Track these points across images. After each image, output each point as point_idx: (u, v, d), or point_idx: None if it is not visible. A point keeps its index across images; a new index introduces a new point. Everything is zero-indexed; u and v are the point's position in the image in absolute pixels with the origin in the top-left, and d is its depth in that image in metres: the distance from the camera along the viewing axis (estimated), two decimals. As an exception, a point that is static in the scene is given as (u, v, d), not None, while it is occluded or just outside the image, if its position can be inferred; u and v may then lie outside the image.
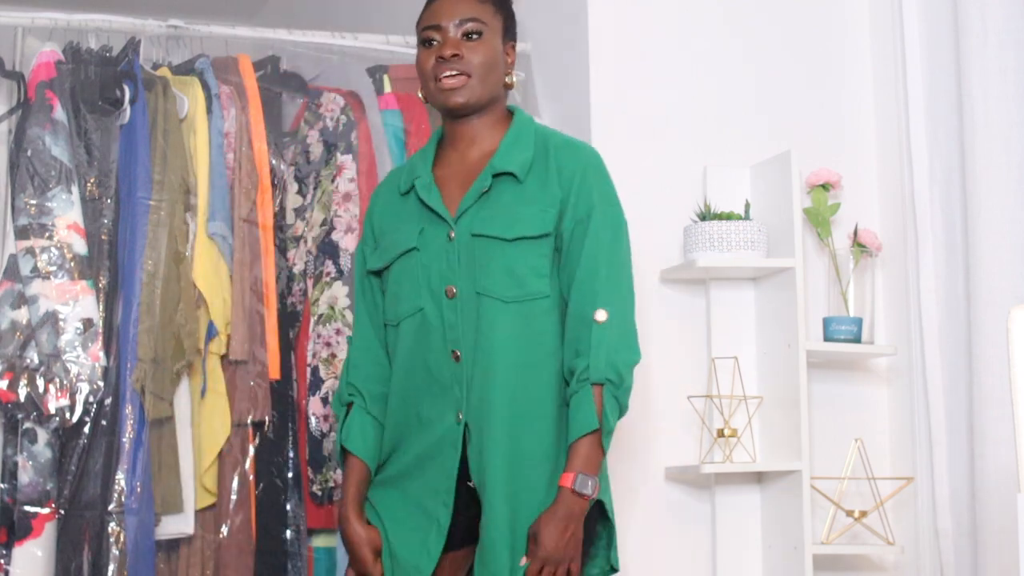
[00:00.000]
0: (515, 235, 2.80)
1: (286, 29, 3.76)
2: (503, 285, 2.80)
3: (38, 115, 3.39)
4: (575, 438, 2.75)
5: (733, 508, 3.58)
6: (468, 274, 2.81)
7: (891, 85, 3.75)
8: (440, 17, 2.89)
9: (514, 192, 2.84)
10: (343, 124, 3.69)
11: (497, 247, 2.80)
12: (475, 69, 2.86)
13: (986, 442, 3.32)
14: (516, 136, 2.90)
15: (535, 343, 2.81)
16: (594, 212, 2.84)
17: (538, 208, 2.83)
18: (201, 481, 3.43)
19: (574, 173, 2.86)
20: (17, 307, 3.33)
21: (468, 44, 2.87)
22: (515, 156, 2.86)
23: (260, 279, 3.53)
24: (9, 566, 3.27)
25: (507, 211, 2.82)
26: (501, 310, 2.79)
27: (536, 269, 2.81)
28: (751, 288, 3.66)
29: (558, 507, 2.72)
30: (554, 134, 2.96)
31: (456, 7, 2.89)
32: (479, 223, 2.82)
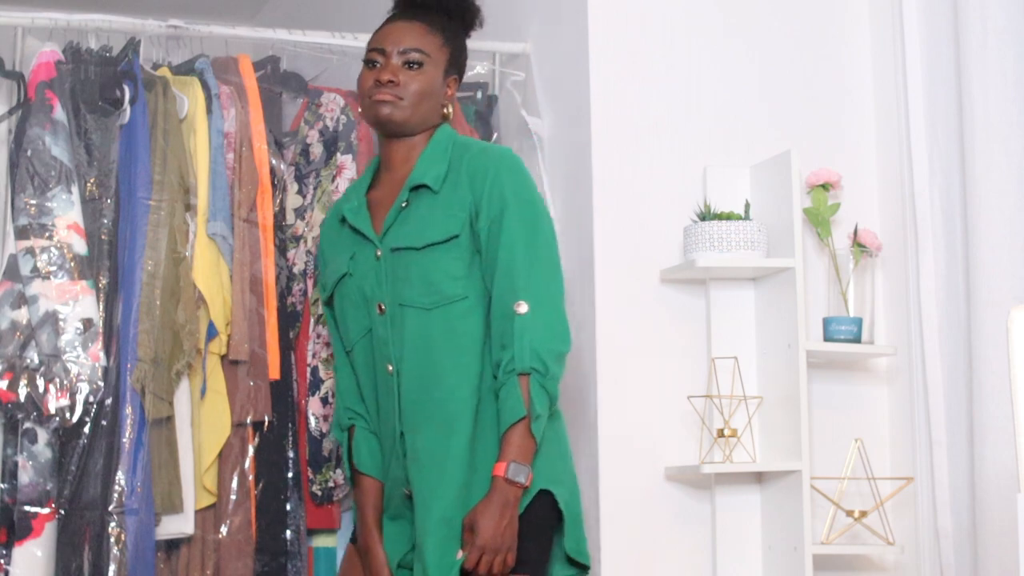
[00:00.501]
0: (424, 242, 2.91)
1: (286, 29, 3.76)
2: (421, 293, 2.90)
3: (38, 115, 3.39)
4: (505, 428, 2.82)
5: (733, 508, 3.58)
6: (392, 288, 2.93)
7: (891, 85, 3.75)
8: (385, 42, 3.03)
9: (429, 203, 2.95)
10: (343, 124, 3.69)
11: (412, 257, 2.91)
12: (409, 96, 2.99)
13: (986, 442, 3.32)
14: (433, 150, 3.01)
15: (457, 345, 2.90)
16: (507, 209, 2.91)
17: (446, 213, 2.92)
18: (201, 481, 3.43)
19: (485, 174, 2.94)
20: (17, 307, 3.33)
21: (407, 72, 2.99)
22: (430, 169, 2.97)
23: (260, 279, 3.53)
24: (9, 566, 3.27)
25: (420, 221, 2.93)
26: (423, 318, 2.90)
27: (449, 273, 2.90)
28: (751, 288, 3.66)
29: (493, 496, 2.80)
30: (473, 143, 3.06)
31: (403, 35, 3.03)
32: (397, 237, 2.94)
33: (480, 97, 3.87)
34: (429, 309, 2.90)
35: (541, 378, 2.84)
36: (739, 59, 3.78)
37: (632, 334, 3.60)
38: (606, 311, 3.59)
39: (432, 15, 3.07)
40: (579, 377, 3.62)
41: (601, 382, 3.56)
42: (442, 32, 3.06)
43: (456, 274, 2.91)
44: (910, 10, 3.62)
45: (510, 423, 2.82)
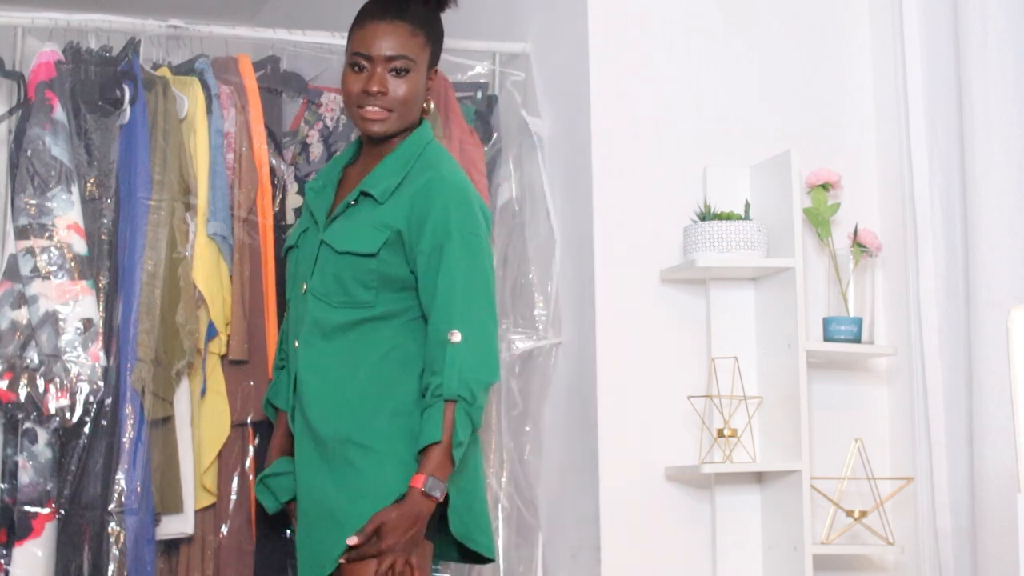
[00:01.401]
0: (343, 249, 3.00)
1: (286, 29, 3.76)
2: (331, 291, 3.00)
3: (38, 115, 3.39)
4: (422, 446, 2.89)
5: (733, 508, 3.58)
6: (317, 276, 3.04)
7: (891, 85, 3.75)
8: (371, 47, 3.03)
9: (369, 212, 3.03)
10: (343, 124, 3.69)
11: (331, 256, 3.02)
12: (398, 105, 3.03)
13: (986, 442, 3.32)
14: (395, 159, 3.06)
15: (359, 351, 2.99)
16: (451, 240, 2.97)
17: (372, 229, 2.99)
18: (201, 481, 3.43)
19: (431, 202, 2.99)
20: (17, 307, 3.33)
21: (395, 80, 3.02)
22: (383, 180, 3.04)
23: (260, 279, 3.53)
24: (9, 566, 3.27)
25: (351, 227, 3.02)
26: (331, 311, 3.00)
27: (363, 281, 2.99)
28: (751, 288, 3.66)
29: (407, 505, 2.88)
30: (436, 165, 3.06)
31: (389, 40, 3.03)
32: (330, 233, 3.04)
33: (480, 97, 3.87)
34: (335, 307, 3.00)
35: (467, 406, 2.90)
36: (739, 59, 3.78)
37: (632, 334, 3.60)
38: (606, 311, 3.59)
39: (410, 6, 3.06)
40: (579, 377, 3.63)
41: (601, 382, 3.56)
42: (423, 28, 3.06)
43: (368, 284, 2.99)
44: (910, 10, 3.62)
45: (425, 443, 2.89)
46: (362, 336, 2.99)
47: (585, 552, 3.56)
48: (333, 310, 3.00)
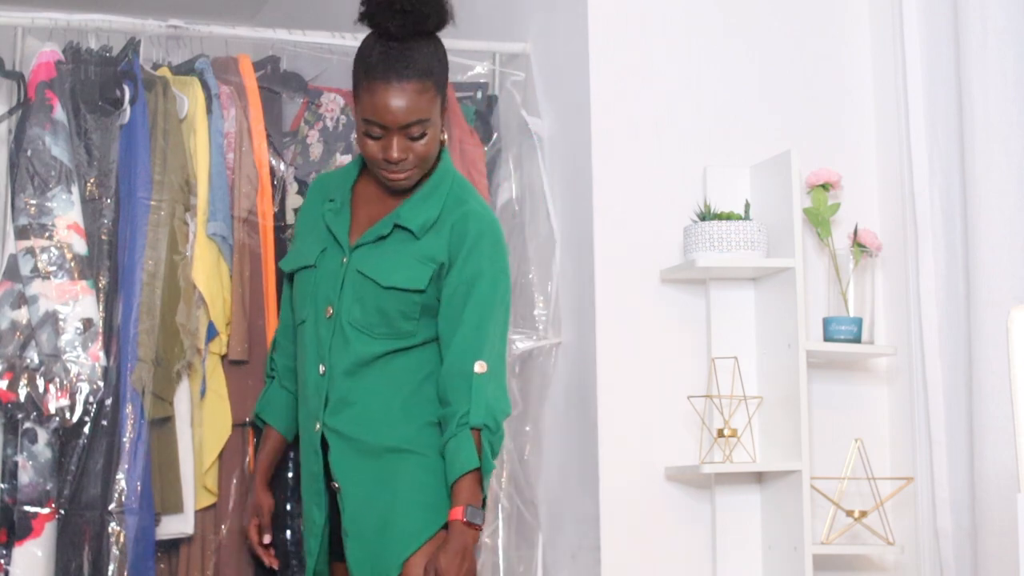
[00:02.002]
0: (389, 284, 2.99)
1: (286, 29, 3.76)
2: (372, 322, 2.99)
3: (38, 115, 3.38)
4: (457, 476, 2.91)
5: (733, 508, 3.58)
6: (346, 303, 3.01)
7: (891, 85, 3.75)
8: (385, 118, 2.95)
9: (406, 245, 3.02)
10: (343, 124, 3.69)
11: (373, 288, 2.99)
12: (420, 162, 3.01)
13: (986, 442, 3.32)
14: (429, 192, 3.06)
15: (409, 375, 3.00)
16: (483, 277, 3.00)
17: (419, 262, 3.00)
18: (201, 481, 3.43)
19: (466, 236, 3.01)
20: (17, 307, 3.33)
21: (413, 144, 2.99)
22: (420, 214, 3.03)
23: (260, 279, 3.53)
24: (9, 566, 3.27)
25: (392, 260, 3.01)
26: (368, 341, 2.99)
27: (406, 315, 2.99)
28: (751, 288, 3.66)
29: (452, 541, 2.89)
30: (465, 199, 3.07)
31: (400, 108, 2.94)
32: (364, 263, 3.02)
33: (480, 97, 3.87)
34: (375, 337, 3.00)
35: (491, 435, 2.93)
36: (739, 59, 3.78)
37: (632, 334, 3.60)
38: (606, 311, 3.59)
39: (414, 53, 2.96)
40: (579, 377, 3.63)
41: (601, 382, 3.56)
42: (431, 77, 2.97)
43: (412, 315, 3.00)
44: (910, 10, 3.62)
45: (463, 472, 2.90)
46: (405, 360, 3.01)
47: (585, 552, 3.56)
48: (374, 341, 2.99)
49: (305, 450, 3.09)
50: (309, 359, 3.06)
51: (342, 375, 3.01)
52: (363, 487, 2.99)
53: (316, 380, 3.04)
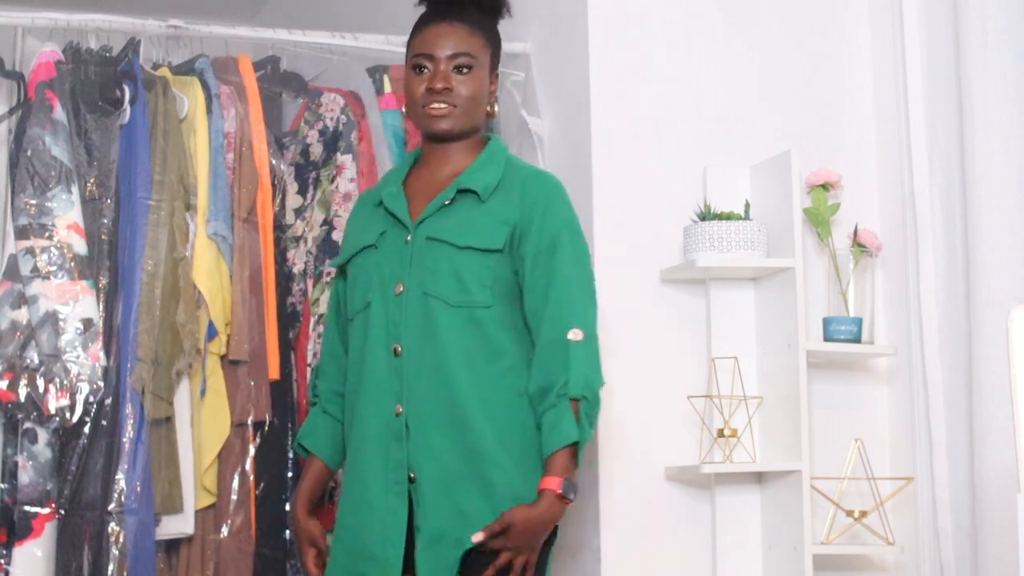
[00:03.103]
0: (465, 244, 2.93)
1: (286, 29, 3.76)
2: (450, 289, 2.92)
3: (38, 115, 3.39)
4: (555, 448, 2.84)
5: (733, 508, 3.58)
6: (417, 274, 2.94)
7: (891, 85, 3.75)
8: (433, 47, 3.02)
9: (473, 208, 2.97)
10: (343, 124, 3.69)
11: (447, 251, 2.93)
12: (463, 102, 3.00)
13: (986, 442, 3.32)
14: (487, 160, 3.04)
15: (494, 354, 2.92)
16: (561, 239, 2.95)
17: (491, 224, 2.95)
18: (201, 481, 3.43)
19: (537, 200, 2.97)
20: (17, 307, 3.33)
21: (458, 77, 3.01)
22: (482, 177, 3.00)
23: (260, 279, 3.53)
24: (9, 566, 3.27)
25: (463, 222, 2.95)
26: (447, 311, 2.91)
27: (481, 279, 2.92)
28: (751, 288, 3.66)
29: (541, 507, 2.82)
30: (524, 165, 3.10)
31: (449, 39, 3.02)
32: (435, 229, 2.95)
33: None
34: (453, 306, 2.91)
35: (589, 407, 2.87)
36: (739, 59, 3.78)
37: (632, 334, 3.60)
38: (606, 311, 3.58)
39: (467, 12, 3.07)
40: (579, 377, 3.62)
41: (601, 382, 3.56)
42: (482, 31, 3.07)
43: (485, 282, 2.93)
44: (910, 10, 3.62)
45: (562, 445, 2.83)
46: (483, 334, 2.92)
47: (585, 552, 3.56)
48: (450, 309, 2.91)
49: (375, 441, 2.93)
50: (377, 343, 2.95)
51: (423, 351, 2.90)
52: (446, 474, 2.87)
53: (390, 362, 2.93)
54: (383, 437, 2.92)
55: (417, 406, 2.90)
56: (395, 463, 2.90)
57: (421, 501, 2.88)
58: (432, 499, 2.87)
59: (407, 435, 2.89)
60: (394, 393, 2.92)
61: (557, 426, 2.84)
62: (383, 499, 2.90)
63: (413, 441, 2.89)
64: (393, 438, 2.91)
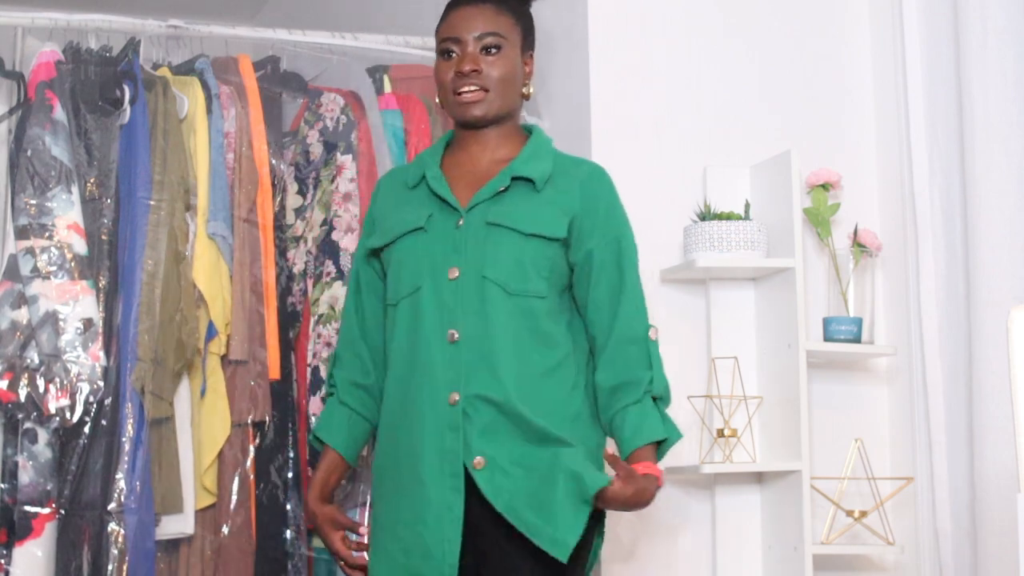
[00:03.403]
0: (532, 231, 2.86)
1: (286, 29, 3.76)
2: (511, 276, 2.84)
3: (38, 115, 3.39)
4: (644, 443, 2.80)
5: (733, 508, 3.58)
6: (474, 259, 2.85)
7: (891, 85, 3.76)
8: (459, 30, 2.93)
9: (529, 196, 2.90)
10: (343, 124, 3.69)
11: (511, 237, 2.85)
12: (494, 84, 2.91)
13: (986, 442, 3.32)
14: (536, 150, 2.96)
15: (546, 345, 2.85)
16: (623, 237, 2.92)
17: (554, 213, 2.88)
18: (201, 481, 3.43)
19: (599, 196, 2.93)
20: (17, 307, 3.33)
21: (487, 59, 2.92)
22: (536, 166, 2.92)
23: (260, 279, 3.53)
24: (9, 566, 3.27)
25: (524, 209, 2.87)
26: (504, 299, 2.83)
27: (539, 269, 2.86)
28: (751, 288, 3.66)
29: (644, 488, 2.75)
30: (574, 157, 3.03)
31: (476, 20, 2.93)
32: (495, 214, 2.87)
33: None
34: (510, 294, 2.84)
35: (664, 406, 2.86)
36: (739, 59, 3.78)
37: (632, 334, 3.60)
38: (606, 311, 3.59)
39: None
40: (579, 377, 3.62)
41: (601, 382, 3.56)
42: (510, 10, 2.97)
43: (543, 272, 2.87)
44: (910, 10, 3.63)
45: (648, 441, 2.80)
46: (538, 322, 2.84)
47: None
48: (510, 298, 2.82)
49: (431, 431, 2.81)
50: (430, 329, 2.84)
51: (481, 338, 2.82)
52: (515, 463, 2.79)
53: (444, 349, 2.83)
54: (438, 426, 2.81)
55: (474, 394, 2.80)
56: (451, 454, 2.80)
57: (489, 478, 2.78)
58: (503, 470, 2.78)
59: (464, 424, 2.80)
60: (449, 381, 2.82)
61: (643, 422, 2.81)
62: (439, 493, 2.79)
63: (470, 430, 2.79)
64: (448, 427, 2.80)
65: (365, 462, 3.51)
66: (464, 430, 2.80)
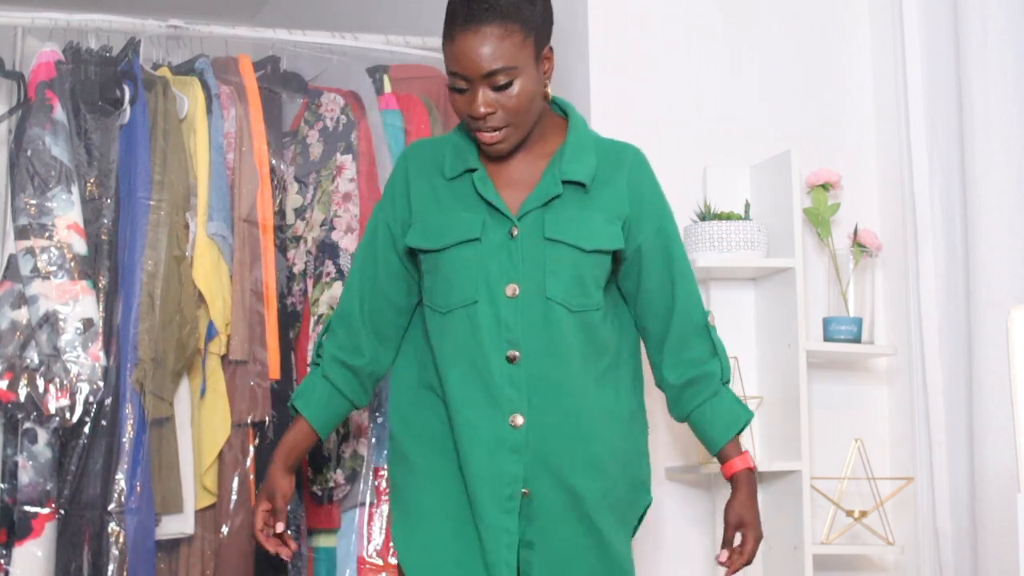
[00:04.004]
0: (593, 247, 2.76)
1: (286, 29, 3.76)
2: (572, 293, 2.75)
3: (38, 115, 3.39)
4: (734, 433, 2.82)
5: (733, 508, 3.58)
6: (534, 276, 2.75)
7: (891, 85, 3.76)
8: (464, 67, 2.68)
9: (581, 201, 2.78)
10: (343, 124, 3.69)
11: (571, 254, 2.75)
12: (512, 117, 2.71)
13: (986, 442, 3.32)
14: (579, 144, 2.81)
15: (600, 353, 2.81)
16: (668, 224, 2.86)
17: (606, 220, 2.79)
18: (201, 481, 3.43)
19: (643, 189, 2.84)
20: (17, 307, 3.33)
21: (501, 96, 2.69)
22: (582, 165, 2.78)
23: (260, 279, 3.53)
24: (9, 566, 3.27)
25: (579, 220, 2.77)
26: (567, 317, 2.75)
27: (597, 280, 2.79)
28: (751, 288, 3.66)
29: (748, 489, 2.81)
30: (610, 141, 2.90)
31: (481, 58, 2.66)
32: (553, 228, 2.75)
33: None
34: (572, 311, 2.75)
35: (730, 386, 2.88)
36: (739, 59, 3.78)
37: (632, 334, 3.60)
38: (606, 311, 3.59)
39: None
40: (579, 377, 3.62)
41: (601, 382, 3.56)
42: (516, 18, 2.70)
43: (601, 283, 2.80)
44: (910, 10, 3.63)
45: (739, 428, 2.82)
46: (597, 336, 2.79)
47: (585, 552, 3.56)
48: (572, 315, 2.74)
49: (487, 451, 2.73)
50: (489, 347, 2.73)
51: (540, 360, 2.73)
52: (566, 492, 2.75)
53: (502, 369, 2.72)
54: (496, 448, 2.73)
55: (538, 418, 2.73)
56: (510, 477, 2.72)
57: (536, 517, 2.75)
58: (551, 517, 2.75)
59: (526, 448, 2.73)
60: (510, 402, 2.72)
61: (730, 413, 2.82)
62: (495, 516, 2.72)
63: (531, 455, 2.73)
64: (508, 450, 2.72)
65: (364, 462, 3.51)
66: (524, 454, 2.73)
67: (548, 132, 2.83)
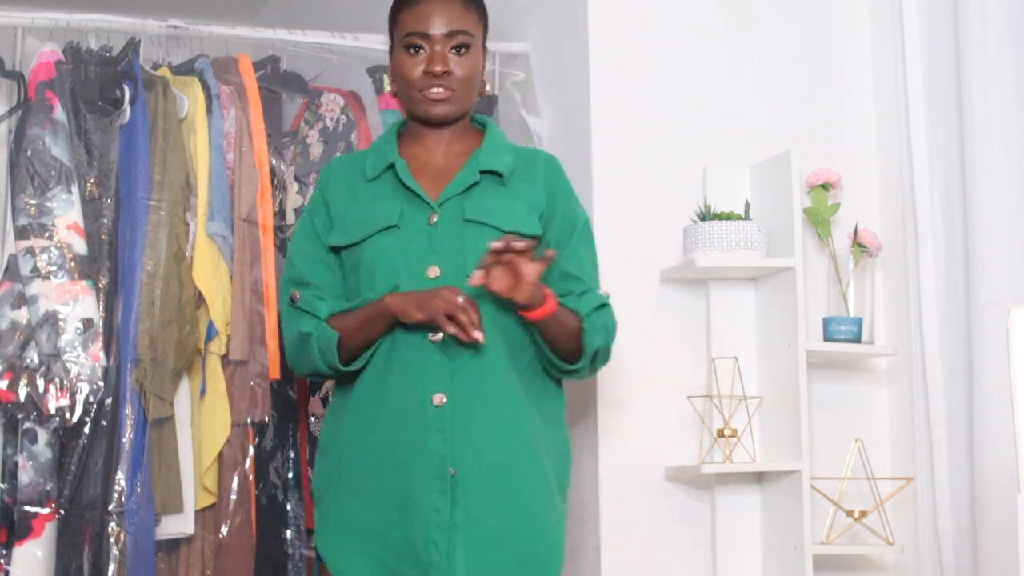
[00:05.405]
0: (511, 228, 2.85)
1: (286, 29, 3.77)
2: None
3: (38, 115, 3.39)
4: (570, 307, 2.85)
5: (733, 508, 3.58)
6: (455, 259, 2.82)
7: (891, 85, 3.75)
8: (429, 26, 2.87)
9: (499, 190, 2.90)
10: (343, 124, 3.69)
11: (491, 235, 2.81)
12: (461, 84, 2.88)
13: (986, 442, 3.32)
14: (497, 142, 2.97)
15: (520, 338, 2.87)
16: (578, 221, 2.96)
17: (526, 208, 2.90)
18: (201, 481, 3.43)
19: (557, 187, 2.96)
20: (17, 307, 3.33)
21: (456, 58, 2.88)
22: (500, 158, 2.93)
23: (260, 279, 3.53)
24: (9, 566, 3.27)
25: (498, 204, 2.88)
26: (488, 297, 2.79)
27: None
28: (751, 288, 3.66)
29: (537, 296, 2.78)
30: (526, 148, 3.07)
31: (445, 17, 2.87)
32: (472, 211, 2.85)
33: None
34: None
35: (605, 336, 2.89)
36: (739, 59, 3.78)
37: (632, 334, 3.60)
38: (606, 311, 3.59)
39: None
40: (579, 377, 3.62)
41: (601, 382, 3.56)
42: (475, 4, 2.93)
43: None
44: (910, 10, 3.63)
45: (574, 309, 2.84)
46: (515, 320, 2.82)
47: (585, 552, 3.56)
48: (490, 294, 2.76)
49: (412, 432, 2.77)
50: (412, 327, 2.77)
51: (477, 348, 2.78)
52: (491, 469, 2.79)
53: (425, 349, 2.77)
54: (420, 428, 2.77)
55: (461, 397, 2.78)
56: (436, 458, 2.76)
57: (462, 498, 2.76)
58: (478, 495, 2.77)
59: (450, 427, 2.77)
60: (433, 382, 2.78)
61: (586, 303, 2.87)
62: (425, 496, 2.75)
63: (455, 434, 2.76)
64: (433, 430, 2.77)
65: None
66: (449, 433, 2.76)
67: (468, 135, 2.97)
